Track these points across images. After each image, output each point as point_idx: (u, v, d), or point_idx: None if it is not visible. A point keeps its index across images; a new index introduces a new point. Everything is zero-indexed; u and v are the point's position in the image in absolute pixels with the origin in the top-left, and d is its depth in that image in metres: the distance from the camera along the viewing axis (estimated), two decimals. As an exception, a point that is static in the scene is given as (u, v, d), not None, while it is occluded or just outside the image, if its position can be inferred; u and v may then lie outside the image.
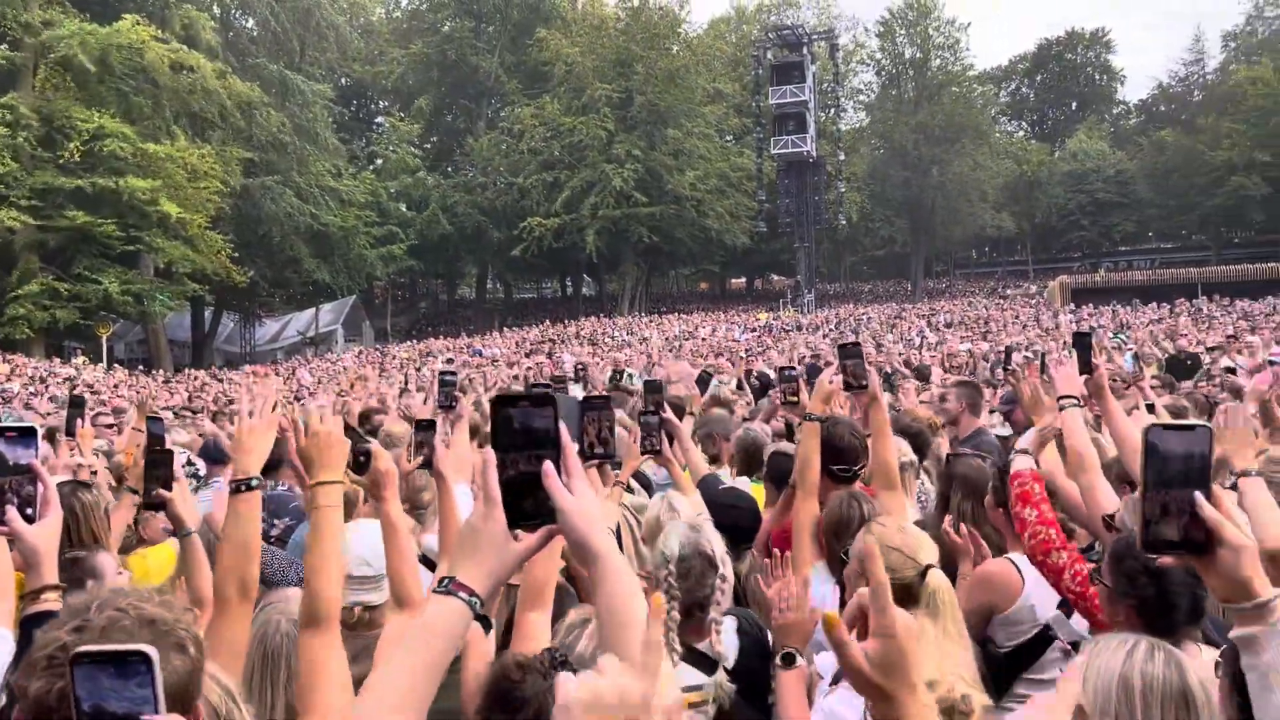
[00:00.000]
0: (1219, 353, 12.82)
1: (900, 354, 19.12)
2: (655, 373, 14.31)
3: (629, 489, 4.46)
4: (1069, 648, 2.96)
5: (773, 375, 10.05)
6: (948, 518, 3.74)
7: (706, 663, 2.81)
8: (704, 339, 31.99)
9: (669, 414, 4.35)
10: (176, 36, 40.49)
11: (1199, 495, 1.56)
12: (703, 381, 9.96)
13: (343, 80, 60.69)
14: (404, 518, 3.08)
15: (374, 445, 3.01)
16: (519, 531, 1.37)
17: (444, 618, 1.32)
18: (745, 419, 6.99)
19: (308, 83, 48.03)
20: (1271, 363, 11.02)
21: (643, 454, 4.26)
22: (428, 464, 3.50)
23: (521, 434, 1.37)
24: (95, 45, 36.12)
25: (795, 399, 5.39)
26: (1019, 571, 3.28)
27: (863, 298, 60.58)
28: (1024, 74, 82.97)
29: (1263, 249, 60.38)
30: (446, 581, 1.34)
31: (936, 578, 2.67)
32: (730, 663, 2.87)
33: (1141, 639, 1.95)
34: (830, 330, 34.62)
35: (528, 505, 1.36)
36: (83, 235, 36.53)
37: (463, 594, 1.32)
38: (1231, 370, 10.65)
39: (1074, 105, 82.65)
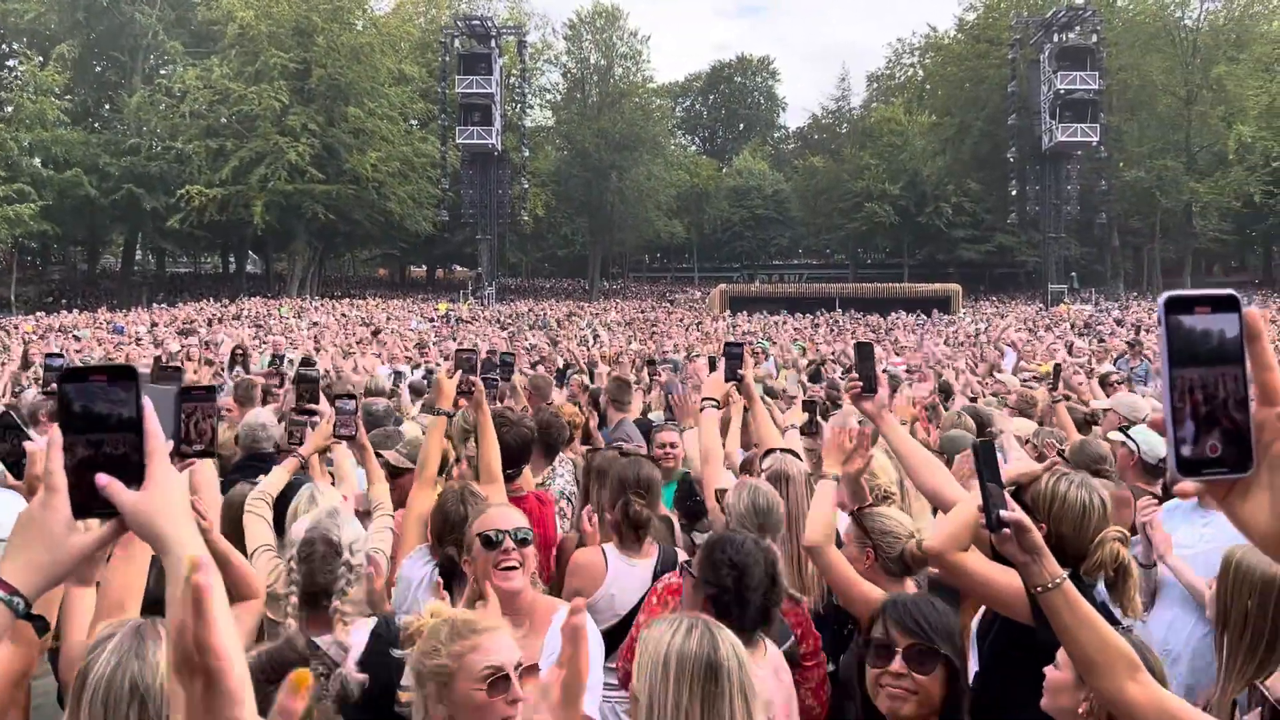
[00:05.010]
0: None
1: (569, 351, 19.63)
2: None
3: None
4: None
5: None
6: (587, 507, 3.95)
7: (326, 657, 2.67)
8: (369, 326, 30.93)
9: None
10: None
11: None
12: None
13: (-34, 13, 52.52)
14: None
15: (30, 447, 2.55)
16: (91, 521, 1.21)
17: None
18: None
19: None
20: (885, 370, 12.50)
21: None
22: None
23: (92, 413, 1.21)
24: None
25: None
26: (605, 561, 3.42)
27: (543, 294, 61.58)
28: (699, 92, 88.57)
29: (889, 270, 68.57)
30: None
31: None
32: (355, 658, 2.71)
33: (684, 618, 2.04)
34: (510, 324, 34.81)
35: (97, 493, 1.20)
36: None
37: (1, 592, 1.15)
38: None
39: (741, 126, 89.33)
